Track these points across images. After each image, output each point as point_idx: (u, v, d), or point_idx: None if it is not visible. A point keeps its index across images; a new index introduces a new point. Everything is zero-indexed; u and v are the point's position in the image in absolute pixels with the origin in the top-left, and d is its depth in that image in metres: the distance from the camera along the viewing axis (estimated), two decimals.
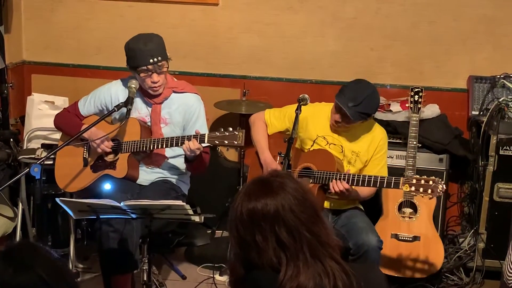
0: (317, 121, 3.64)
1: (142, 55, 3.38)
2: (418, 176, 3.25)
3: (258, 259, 1.83)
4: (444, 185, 3.20)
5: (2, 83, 4.38)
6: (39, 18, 4.85)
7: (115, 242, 3.29)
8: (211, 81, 4.72)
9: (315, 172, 3.48)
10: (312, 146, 3.63)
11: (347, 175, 3.40)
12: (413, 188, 3.22)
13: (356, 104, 3.40)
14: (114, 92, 3.60)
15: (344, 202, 3.63)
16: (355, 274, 1.85)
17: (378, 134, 3.65)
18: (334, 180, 3.38)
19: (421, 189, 3.21)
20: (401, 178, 3.30)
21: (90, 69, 4.85)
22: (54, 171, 3.69)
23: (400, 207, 3.92)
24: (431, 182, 3.20)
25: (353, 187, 3.43)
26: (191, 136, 3.32)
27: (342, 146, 3.60)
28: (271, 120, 3.74)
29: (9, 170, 4.14)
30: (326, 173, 3.44)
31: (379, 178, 3.38)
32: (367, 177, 3.40)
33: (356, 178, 3.39)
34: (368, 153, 3.61)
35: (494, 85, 4.28)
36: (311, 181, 3.47)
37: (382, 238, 3.47)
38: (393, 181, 3.32)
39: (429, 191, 3.19)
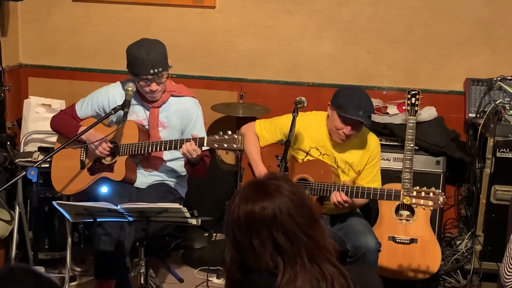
0: (309, 132, 3.60)
1: (143, 65, 3.36)
2: (418, 188, 3.25)
3: (254, 263, 1.81)
4: (445, 197, 3.20)
5: None
6: (36, 21, 4.85)
7: (106, 245, 3.29)
8: (208, 84, 4.72)
9: (312, 183, 3.47)
10: (305, 157, 3.60)
11: (345, 187, 3.39)
12: (413, 201, 3.22)
13: (364, 111, 3.39)
14: (112, 95, 3.59)
15: (340, 208, 3.62)
16: (352, 277, 1.84)
17: (371, 143, 3.62)
18: (335, 192, 3.37)
19: (421, 201, 3.20)
20: (402, 190, 3.31)
21: (86, 72, 4.84)
22: (50, 174, 3.69)
23: (397, 210, 3.92)
24: (431, 194, 3.19)
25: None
26: (190, 139, 3.32)
27: (335, 157, 3.58)
28: (262, 133, 3.70)
29: (6, 173, 4.13)
30: (324, 184, 3.42)
31: (378, 190, 3.38)
32: (366, 189, 3.39)
33: (355, 190, 3.38)
34: (361, 163, 3.60)
35: (491, 88, 4.29)
36: (308, 192, 3.43)
37: (379, 240, 3.47)
38: (393, 193, 3.32)
39: (430, 203, 3.19)
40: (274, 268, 1.80)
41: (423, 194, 3.21)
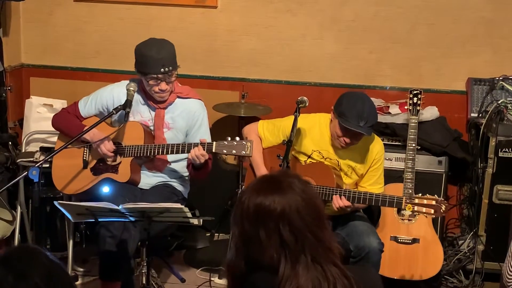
0: (311, 135, 3.58)
1: (154, 63, 3.35)
2: (420, 195, 3.24)
3: (259, 254, 1.83)
4: (447, 205, 3.19)
5: (0, 86, 4.38)
6: (38, 21, 4.85)
7: (111, 247, 3.28)
8: (210, 84, 4.72)
9: (315, 187, 3.45)
10: (308, 159, 3.58)
11: (347, 192, 3.38)
12: (415, 208, 3.21)
13: (366, 121, 3.35)
14: (116, 94, 3.56)
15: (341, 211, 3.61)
16: (354, 277, 1.85)
17: (375, 146, 3.59)
18: (336, 196, 3.36)
19: (423, 209, 3.20)
20: (404, 197, 3.31)
21: (88, 72, 4.84)
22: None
23: (399, 210, 3.91)
24: (434, 202, 3.18)
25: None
26: (197, 143, 3.31)
27: (338, 161, 3.56)
28: (265, 134, 3.67)
29: (7, 173, 4.13)
30: (326, 188, 3.41)
31: (380, 197, 3.37)
32: (368, 195, 3.38)
33: (357, 196, 3.37)
34: (364, 166, 3.58)
35: (493, 87, 4.28)
36: None
37: (381, 241, 3.46)
38: (395, 200, 3.31)
39: (432, 211, 3.18)
40: (277, 261, 1.82)
41: (425, 202, 3.20)
